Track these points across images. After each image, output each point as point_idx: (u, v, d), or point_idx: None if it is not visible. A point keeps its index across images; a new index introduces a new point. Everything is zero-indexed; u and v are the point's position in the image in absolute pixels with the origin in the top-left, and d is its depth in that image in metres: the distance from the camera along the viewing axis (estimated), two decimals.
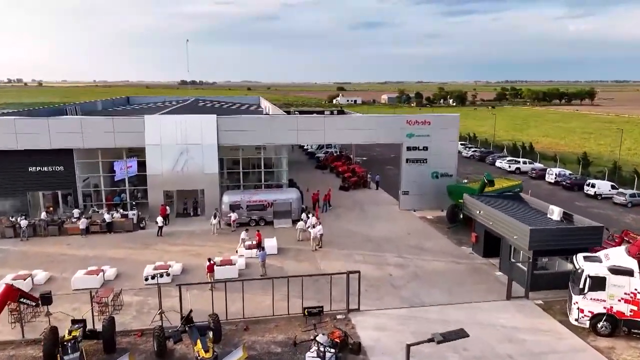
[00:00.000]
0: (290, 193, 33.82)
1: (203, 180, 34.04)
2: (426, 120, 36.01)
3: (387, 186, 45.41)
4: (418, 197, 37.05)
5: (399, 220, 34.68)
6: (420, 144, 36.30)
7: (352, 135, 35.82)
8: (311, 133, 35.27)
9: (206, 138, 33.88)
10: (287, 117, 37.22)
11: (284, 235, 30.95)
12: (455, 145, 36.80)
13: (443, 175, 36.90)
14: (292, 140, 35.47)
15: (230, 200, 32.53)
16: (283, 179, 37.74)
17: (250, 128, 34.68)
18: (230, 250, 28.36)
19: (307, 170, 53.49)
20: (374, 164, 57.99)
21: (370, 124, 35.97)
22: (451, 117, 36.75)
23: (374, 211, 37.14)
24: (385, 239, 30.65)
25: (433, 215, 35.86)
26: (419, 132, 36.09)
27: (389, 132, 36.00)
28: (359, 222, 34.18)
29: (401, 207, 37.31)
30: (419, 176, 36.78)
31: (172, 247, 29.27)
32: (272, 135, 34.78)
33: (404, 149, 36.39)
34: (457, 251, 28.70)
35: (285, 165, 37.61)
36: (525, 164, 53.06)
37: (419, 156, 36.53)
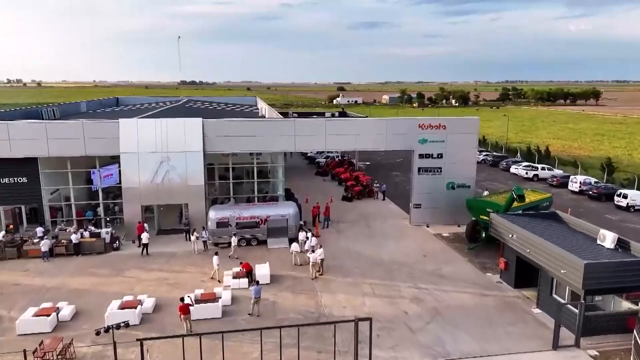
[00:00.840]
0: (286, 207, 29.53)
1: (187, 192, 29.74)
2: (441, 124, 31.72)
3: (394, 195, 41.15)
4: (431, 210, 32.77)
5: (411, 239, 30.37)
6: (434, 150, 32.01)
7: (357, 141, 31.53)
8: (310, 139, 30.99)
9: (190, 144, 29.59)
10: (283, 120, 33.02)
11: (279, 259, 26.66)
12: (474, 152, 32.55)
13: (460, 186, 32.61)
14: (288, 146, 31.20)
15: (217, 217, 28.23)
16: (279, 191, 33.46)
17: (241, 133, 30.38)
18: (216, 279, 24.07)
19: (306, 177, 49.24)
20: (378, 169, 53.69)
21: (378, 128, 31.68)
22: (470, 121, 32.46)
23: (382, 227, 32.83)
24: (396, 262, 26.33)
25: (449, 232, 31.56)
26: (433, 138, 31.81)
27: (399, 138, 31.70)
28: (365, 241, 29.86)
29: (412, 222, 33.03)
30: (433, 187, 32.49)
31: (147, 273, 24.95)
32: (266, 141, 30.51)
33: (416, 156, 32.10)
34: (482, 279, 24.38)
35: (281, 174, 33.33)
36: (544, 170, 48.73)
37: (432, 165, 32.24)
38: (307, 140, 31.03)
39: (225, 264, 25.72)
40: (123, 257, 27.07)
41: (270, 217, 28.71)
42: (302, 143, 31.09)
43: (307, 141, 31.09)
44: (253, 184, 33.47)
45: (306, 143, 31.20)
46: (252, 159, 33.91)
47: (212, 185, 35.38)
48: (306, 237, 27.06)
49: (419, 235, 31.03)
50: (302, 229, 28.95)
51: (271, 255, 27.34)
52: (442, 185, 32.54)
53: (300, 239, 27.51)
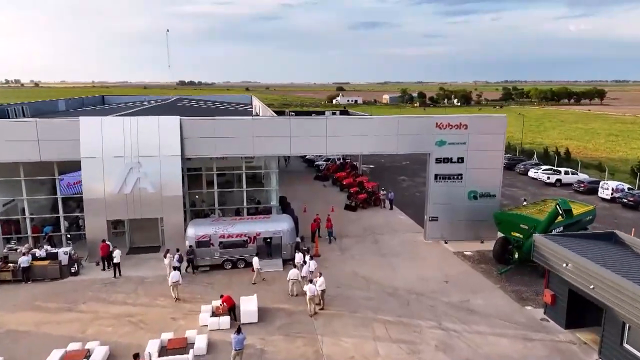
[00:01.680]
0: (280, 222, 24.82)
1: (162, 204, 25.00)
2: (462, 123, 27.02)
3: (402, 204, 36.46)
4: (450, 224, 28.08)
5: (429, 259, 25.64)
6: (453, 154, 27.33)
7: (363, 143, 26.80)
8: (308, 140, 26.28)
9: (166, 147, 24.87)
10: (277, 119, 28.24)
11: (271, 287, 21.96)
12: (500, 156, 27.85)
13: (484, 195, 27.92)
14: (283, 149, 26.49)
15: (196, 234, 23.50)
16: (272, 201, 28.74)
17: (228, 133, 25.66)
18: (191, 314, 19.37)
19: (304, 182, 44.55)
20: (382, 173, 49.01)
21: (387, 128, 26.97)
22: (495, 120, 27.74)
23: (392, 243, 28.11)
24: (414, 291, 21.63)
25: (472, 250, 26.86)
26: (452, 139, 27.11)
27: (413, 139, 27.00)
28: (374, 261, 25.14)
29: (427, 237, 28.32)
30: (452, 197, 27.80)
31: (107, 307, 20.23)
32: (257, 143, 25.81)
33: (432, 161, 27.40)
34: (522, 315, 19.68)
35: (275, 182, 28.61)
36: (568, 175, 44.05)
37: (452, 171, 27.54)
38: (304, 142, 26.31)
39: (205, 295, 21.03)
40: (81, 285, 22.33)
41: (260, 235, 23.98)
42: (299, 145, 26.36)
43: (305, 143, 26.37)
44: (244, 192, 28.72)
45: (304, 145, 26.48)
46: (244, 164, 29.30)
47: (197, 195, 30.69)
48: (303, 261, 22.31)
49: (437, 254, 26.31)
50: (299, 249, 24.25)
51: (261, 281, 22.61)
52: (462, 195, 27.85)
53: (296, 262, 22.81)
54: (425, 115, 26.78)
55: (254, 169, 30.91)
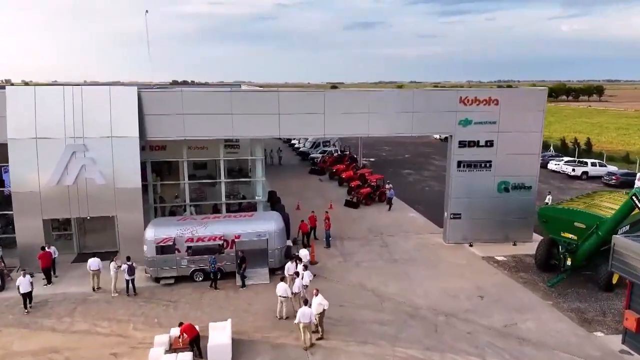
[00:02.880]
0: (266, 221, 19.50)
1: (115, 199, 19.64)
2: (492, 97, 21.85)
3: (412, 201, 31.39)
4: (475, 222, 22.94)
5: (453, 266, 20.45)
6: (481, 136, 22.18)
7: (370, 122, 21.50)
8: (302, 119, 21.02)
9: (120, 126, 19.49)
10: (263, 92, 22.62)
11: (252, 307, 16.68)
12: (538, 139, 22.67)
13: (517, 187, 22.80)
14: (270, 130, 21.15)
15: (156, 237, 18.15)
16: (258, 194, 23.39)
17: (201, 109, 20.34)
18: (140, 348, 14.05)
19: (298, 176, 39.23)
20: (384, 167, 43.75)
21: (401, 104, 21.73)
22: (534, 93, 22.48)
23: (406, 246, 22.89)
24: (442, 311, 16.42)
25: (505, 254, 21.72)
26: (479, 118, 21.96)
27: (431, 118, 21.80)
28: (385, 270, 19.91)
29: (448, 239, 23.15)
30: (478, 189, 22.65)
31: (29, 336, 14.85)
32: (238, 123, 20.54)
33: (455, 144, 22.23)
34: (592, 344, 14.52)
35: (260, 172, 23.26)
36: (596, 167, 39.07)
37: (478, 157, 22.39)
38: (296, 121, 21.03)
39: (164, 317, 15.71)
40: (1, 305, 16.90)
41: (240, 237, 18.65)
42: (290, 125, 21.06)
43: (297, 123, 21.07)
44: (222, 185, 23.41)
45: (296, 125, 21.16)
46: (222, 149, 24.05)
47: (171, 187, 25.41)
48: (295, 272, 16.98)
49: (463, 261, 21.12)
50: (291, 255, 19.01)
51: (240, 298, 17.34)
52: (491, 187, 22.71)
53: (287, 272, 17.55)
54: (448, 89, 21.64)
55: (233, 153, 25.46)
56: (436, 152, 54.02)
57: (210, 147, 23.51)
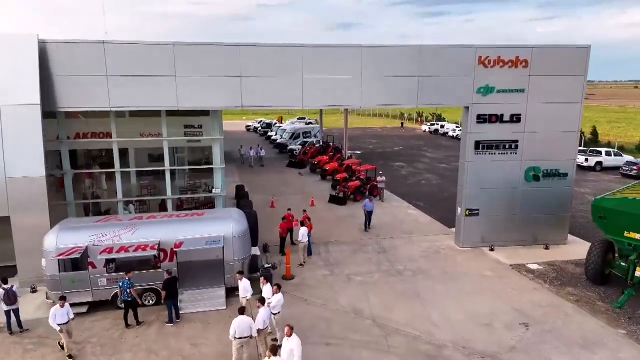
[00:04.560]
0: (222, 221, 13.92)
1: (9, 195, 13.89)
2: (520, 57, 16.80)
3: (408, 195, 26.32)
4: (495, 220, 17.90)
5: (477, 280, 15.27)
6: (505, 108, 17.14)
7: (362, 88, 16.20)
8: (272, 84, 15.59)
9: (13, 91, 13.75)
10: (219, 48, 16.37)
11: (199, 348, 11.16)
12: (578, 112, 17.72)
13: (549, 175, 17.84)
14: (229, 99, 15.63)
15: (60, 246, 12.47)
16: (216, 186, 17.78)
17: (132, 70, 14.73)
18: None
19: (274, 170, 33.82)
20: (373, 160, 38.59)
21: (402, 64, 16.44)
22: (574, 52, 17.34)
23: (410, 252, 17.66)
24: (475, 350, 11.20)
25: (537, 261, 16.69)
26: (504, 83, 16.92)
27: (442, 84, 16.64)
28: (387, 288, 14.62)
29: (463, 242, 18.03)
30: (501, 178, 17.64)
31: None
32: (183, 90, 15.07)
33: (472, 119, 17.13)
34: None
35: (218, 157, 17.66)
36: (610, 156, 34.68)
37: (502, 135, 17.34)
38: (263, 86, 15.61)
39: None
40: None
41: (184, 245, 13.07)
42: (256, 93, 15.63)
43: (264, 89, 15.64)
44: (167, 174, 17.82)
45: (262, 92, 15.71)
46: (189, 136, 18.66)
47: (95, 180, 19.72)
48: (259, 300, 11.46)
49: (487, 271, 15.97)
50: (258, 268, 13.60)
51: (181, 335, 11.80)
52: (517, 174, 17.70)
53: (240, 293, 12.13)
54: (464, 45, 16.49)
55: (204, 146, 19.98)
56: (427, 145, 49.29)
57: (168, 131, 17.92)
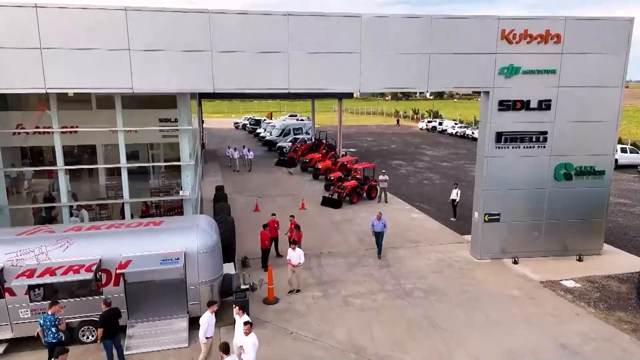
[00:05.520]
0: (183, 232, 10.87)
1: None
2: (551, 32, 13.96)
3: (409, 197, 23.50)
4: (519, 226, 15.06)
5: (505, 302, 12.36)
6: (533, 93, 14.30)
7: (363, 69, 13.26)
8: (252, 62, 12.60)
9: None
10: (184, 15, 13.27)
11: None
12: (617, 97, 14.90)
13: (583, 173, 15.03)
14: (197, 80, 12.62)
15: None
16: (184, 187, 14.66)
17: (73, 43, 11.67)
18: None
19: (262, 169, 30.81)
20: (369, 158, 35.72)
21: (414, 39, 13.50)
22: (613, 25, 14.54)
23: (419, 265, 14.72)
24: None
25: (572, 276, 13.84)
26: (532, 63, 14.08)
27: (459, 63, 13.74)
28: (394, 315, 11.67)
29: (481, 252, 15.15)
30: (526, 177, 14.80)
31: None
32: (141, 67, 12.04)
33: (493, 106, 14.26)
34: None
35: (187, 153, 14.53)
36: (626, 154, 32.09)
37: (528, 126, 14.50)
38: (242, 65, 12.61)
39: None
40: None
41: (132, 265, 10.01)
42: (231, 72, 12.63)
43: (241, 66, 12.64)
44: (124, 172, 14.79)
45: (243, 73, 12.71)
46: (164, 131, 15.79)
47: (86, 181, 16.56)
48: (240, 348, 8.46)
49: (514, 290, 13.05)
50: (235, 296, 10.64)
51: None
52: (545, 172, 14.87)
53: (200, 332, 9.12)
54: (484, 15, 13.62)
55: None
56: (426, 142, 46.56)
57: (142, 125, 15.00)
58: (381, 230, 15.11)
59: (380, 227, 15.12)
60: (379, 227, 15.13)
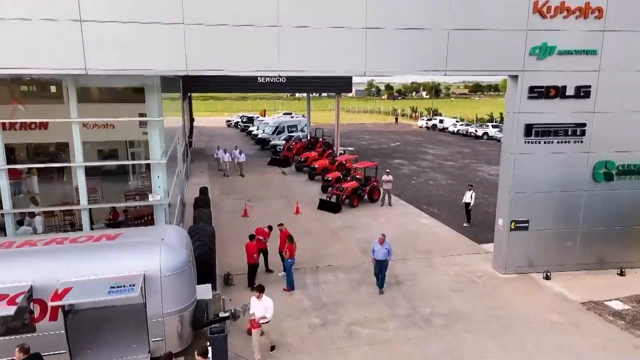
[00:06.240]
0: (142, 250, 8.52)
1: None
2: (590, 4, 11.74)
3: (415, 199, 21.24)
4: (549, 235, 12.83)
5: (543, 331, 10.11)
6: (569, 78, 12.06)
7: (369, 48, 11.01)
8: (235, 39, 10.28)
9: None
10: None
11: None
12: None
13: (627, 172, 12.82)
14: (168, 60, 10.29)
15: None
16: (155, 190, 12.27)
17: (13, 12, 9.28)
18: None
19: (253, 169, 28.40)
20: (369, 158, 33.45)
21: (428, 14, 11.23)
22: None
23: (433, 283, 12.45)
24: None
25: (617, 296, 11.59)
26: (568, 42, 11.86)
27: (483, 42, 11.50)
28: (411, 349, 9.39)
29: (506, 265, 12.89)
30: (561, 177, 12.57)
31: None
32: (95, 44, 9.68)
33: (522, 93, 12.02)
34: None
35: (158, 151, 12.12)
36: None
37: (562, 117, 12.27)
38: (220, 41, 10.28)
39: None
40: None
41: (70, 294, 7.64)
42: (208, 50, 10.31)
43: (223, 45, 10.32)
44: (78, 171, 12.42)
45: (220, 51, 10.40)
46: None
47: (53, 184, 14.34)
48: None
49: (553, 314, 10.80)
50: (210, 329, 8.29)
51: None
52: (582, 171, 12.65)
53: None
54: None
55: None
56: (427, 141, 44.36)
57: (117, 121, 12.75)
58: (385, 259, 11.62)
59: (384, 255, 11.57)
60: (381, 254, 11.56)
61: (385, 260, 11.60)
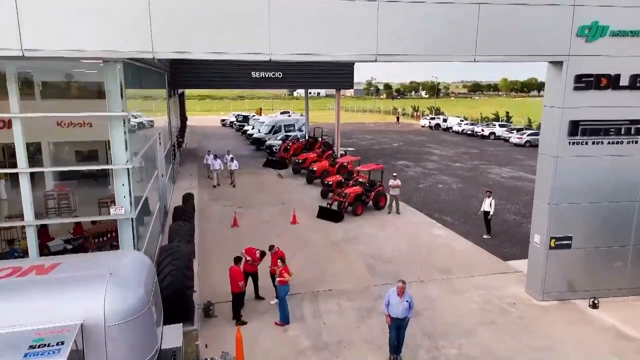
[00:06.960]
0: (81, 287, 6.32)
1: None
2: None
3: (423, 206, 19.08)
4: (595, 254, 10.67)
5: None
6: (623, 65, 9.92)
7: (381, 25, 8.87)
8: (204, 16, 8.13)
9: None
10: None
11: None
12: None
13: None
14: (129, 40, 8.12)
15: None
16: (118, 204, 10.08)
17: None
18: None
19: (248, 171, 26.14)
20: (371, 159, 31.24)
21: None
22: None
23: (456, 312, 10.30)
24: None
25: None
26: (623, 21, 9.73)
27: (521, 22, 9.35)
28: None
29: (544, 292, 10.73)
30: (611, 185, 10.42)
31: None
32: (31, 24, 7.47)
33: (566, 83, 9.86)
34: None
35: (121, 149, 9.90)
36: None
37: (615, 113, 10.12)
38: (194, 19, 8.11)
39: None
40: None
41: None
42: (179, 30, 8.13)
43: (197, 24, 8.16)
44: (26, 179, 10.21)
45: (196, 30, 8.23)
46: None
47: None
48: None
49: (610, 356, 8.69)
50: None
51: None
52: (636, 178, 10.51)
53: None
54: None
55: None
56: (431, 141, 42.28)
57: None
58: (404, 317, 8.30)
59: (403, 311, 8.25)
60: (399, 310, 8.25)
61: (404, 318, 8.33)
